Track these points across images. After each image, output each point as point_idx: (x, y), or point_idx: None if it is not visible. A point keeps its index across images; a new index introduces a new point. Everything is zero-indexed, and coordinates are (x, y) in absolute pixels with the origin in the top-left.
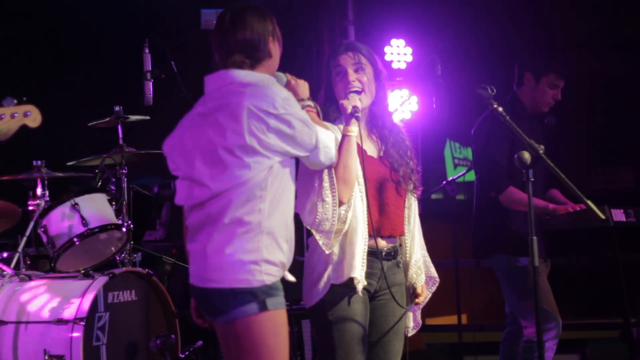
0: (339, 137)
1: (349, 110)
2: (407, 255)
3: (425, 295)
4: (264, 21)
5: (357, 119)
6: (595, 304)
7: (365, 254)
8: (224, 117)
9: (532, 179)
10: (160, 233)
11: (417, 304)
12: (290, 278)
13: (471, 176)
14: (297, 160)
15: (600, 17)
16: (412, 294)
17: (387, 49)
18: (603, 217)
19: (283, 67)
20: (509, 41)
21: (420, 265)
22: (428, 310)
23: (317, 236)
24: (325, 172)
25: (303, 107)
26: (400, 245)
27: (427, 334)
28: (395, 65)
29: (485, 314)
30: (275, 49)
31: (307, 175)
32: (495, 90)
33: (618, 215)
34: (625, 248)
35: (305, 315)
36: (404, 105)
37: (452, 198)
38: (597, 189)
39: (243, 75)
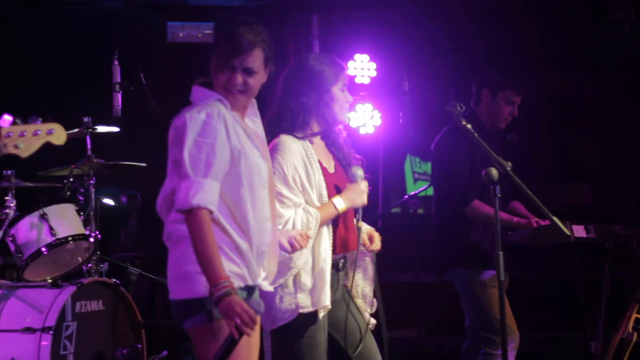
0: (307, 150)
1: (363, 202)
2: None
3: (377, 238)
4: (215, 39)
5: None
6: (553, 318)
7: (330, 275)
8: None
9: (499, 195)
10: (126, 243)
11: (375, 251)
12: (267, 288)
13: (432, 190)
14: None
15: (559, 36)
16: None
17: (351, 63)
18: (568, 233)
19: None
20: (470, 57)
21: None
22: (388, 323)
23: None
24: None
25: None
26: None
27: (387, 347)
28: (359, 80)
29: (445, 327)
30: (217, 75)
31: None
32: (464, 108)
33: (579, 231)
34: (584, 264)
35: None
36: (366, 120)
37: (412, 212)
38: (555, 204)
39: (193, 92)
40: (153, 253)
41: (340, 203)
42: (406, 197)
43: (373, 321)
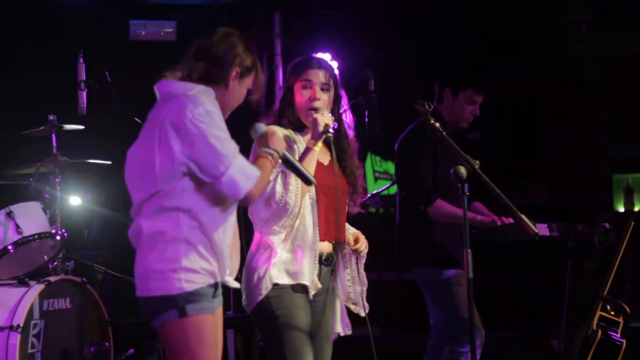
0: (300, 146)
1: (321, 127)
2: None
3: (362, 240)
4: (243, 54)
5: (328, 140)
6: (516, 316)
7: (317, 259)
8: (147, 129)
9: (468, 193)
10: (88, 242)
11: (359, 252)
12: (234, 285)
13: (393, 189)
14: None
15: (518, 35)
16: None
17: None
18: (536, 230)
19: None
20: (432, 56)
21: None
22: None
23: (273, 238)
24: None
25: (263, 153)
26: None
27: (349, 345)
28: None
29: (407, 324)
30: (237, 87)
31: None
32: (432, 106)
33: (542, 229)
34: (546, 262)
35: (230, 325)
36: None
37: (375, 211)
38: (513, 204)
39: (176, 86)
40: (116, 252)
41: (313, 143)
42: (368, 196)
43: (340, 329)
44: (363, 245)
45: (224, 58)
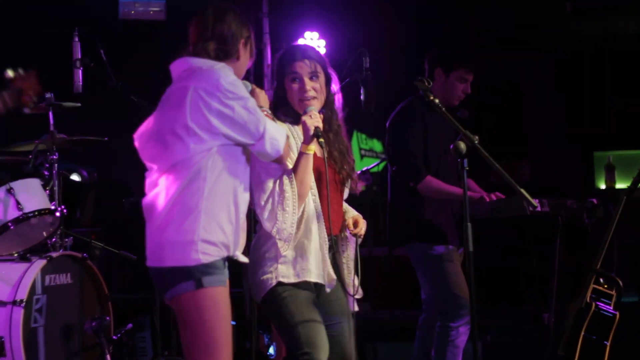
0: (296, 141)
1: (312, 131)
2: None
3: (362, 223)
4: (241, 25)
5: (321, 144)
6: (506, 291)
7: (326, 254)
8: (173, 100)
9: (467, 168)
10: (81, 218)
11: (358, 235)
12: (243, 259)
13: (381, 166)
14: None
15: (502, 15)
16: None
17: (300, 41)
18: (535, 205)
19: None
20: (418, 36)
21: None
22: None
23: (279, 242)
24: (286, 179)
25: (264, 111)
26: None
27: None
28: None
29: (396, 300)
30: (244, 55)
31: (265, 178)
32: (431, 83)
33: None
34: (535, 236)
35: None
36: None
37: (366, 188)
38: (494, 181)
39: (197, 61)
40: (109, 228)
41: (305, 147)
42: (359, 172)
43: (356, 308)
44: (363, 228)
45: (229, 35)
